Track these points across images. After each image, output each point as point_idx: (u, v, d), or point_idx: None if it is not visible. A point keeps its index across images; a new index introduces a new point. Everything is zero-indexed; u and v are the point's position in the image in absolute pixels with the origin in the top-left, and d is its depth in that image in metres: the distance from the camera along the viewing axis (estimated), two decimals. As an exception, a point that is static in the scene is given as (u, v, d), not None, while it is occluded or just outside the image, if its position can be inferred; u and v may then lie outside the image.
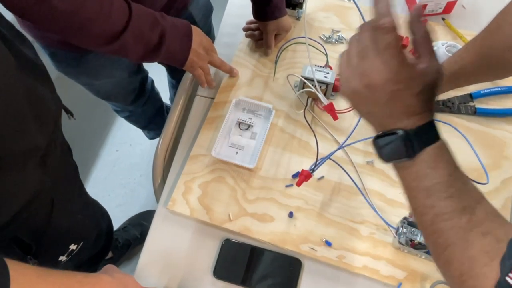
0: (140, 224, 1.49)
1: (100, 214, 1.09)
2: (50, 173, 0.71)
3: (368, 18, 0.66)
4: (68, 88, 0.85)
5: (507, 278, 0.37)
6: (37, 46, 0.95)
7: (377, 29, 0.44)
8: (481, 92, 0.90)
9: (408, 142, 0.45)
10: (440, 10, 1.03)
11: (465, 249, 0.42)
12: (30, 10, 0.63)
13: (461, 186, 0.44)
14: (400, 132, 0.45)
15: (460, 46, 0.88)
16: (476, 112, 0.88)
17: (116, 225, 1.34)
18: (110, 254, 1.36)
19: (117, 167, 1.72)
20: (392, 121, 0.46)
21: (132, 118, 1.41)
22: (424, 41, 0.45)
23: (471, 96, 0.90)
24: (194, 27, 0.82)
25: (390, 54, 0.43)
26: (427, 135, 0.45)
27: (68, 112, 0.86)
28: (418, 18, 0.45)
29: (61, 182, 0.79)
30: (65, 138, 0.84)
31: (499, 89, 0.90)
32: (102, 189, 1.64)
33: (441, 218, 0.44)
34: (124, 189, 1.66)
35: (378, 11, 0.44)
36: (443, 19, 1.03)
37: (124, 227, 1.47)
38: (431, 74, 0.45)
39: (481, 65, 0.73)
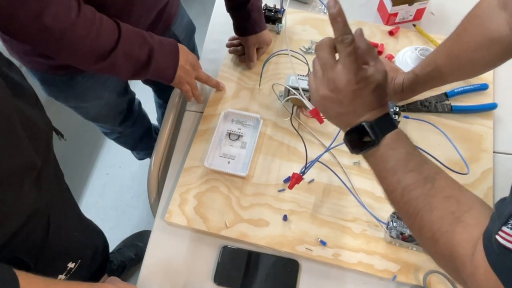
0: (134, 245, 1.49)
1: (95, 232, 1.09)
2: (45, 192, 0.73)
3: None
4: (55, 115, 0.87)
5: (497, 237, 0.41)
6: (25, 72, 0.98)
7: (341, 43, 0.53)
8: (455, 90, 0.95)
9: (372, 131, 0.54)
10: (411, 17, 1.09)
11: (432, 212, 0.49)
12: (23, 29, 0.65)
13: (419, 161, 0.53)
14: (365, 124, 0.54)
15: (432, 50, 0.93)
16: (452, 110, 0.93)
17: (110, 248, 1.34)
18: (105, 277, 1.35)
19: (108, 190, 1.72)
20: (356, 117, 0.55)
21: (121, 140, 1.43)
22: (368, 51, 0.55)
23: (446, 95, 0.95)
24: (180, 45, 0.86)
25: (350, 60, 0.53)
26: (386, 124, 0.55)
27: (58, 133, 0.88)
28: (361, 35, 0.55)
29: (56, 200, 0.81)
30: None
31: (472, 87, 0.95)
32: (94, 213, 1.63)
33: (408, 190, 0.51)
34: (116, 211, 1.66)
35: (338, 28, 0.53)
36: (414, 25, 1.09)
37: (118, 249, 1.47)
38: (380, 73, 0.54)
39: (452, 66, 0.79)
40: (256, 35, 0.98)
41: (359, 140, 0.56)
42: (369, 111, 0.55)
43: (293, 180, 0.77)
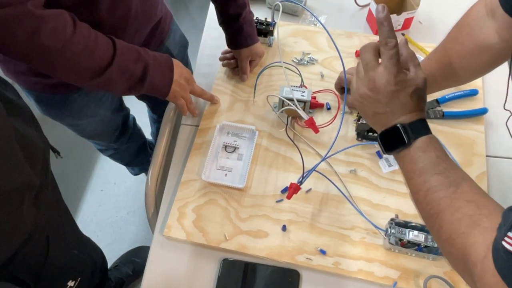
0: (132, 261, 1.48)
1: (93, 249, 1.09)
2: (44, 210, 0.72)
3: (334, 38, 0.72)
4: (49, 133, 0.87)
5: (503, 243, 0.42)
6: (20, 91, 0.98)
7: (385, 46, 0.57)
8: (446, 97, 0.97)
9: (405, 132, 0.57)
10: (400, 27, 1.11)
11: (452, 214, 0.51)
12: (19, 47, 0.65)
13: (447, 165, 0.55)
14: (400, 126, 0.57)
15: (422, 58, 0.95)
16: (444, 116, 0.95)
17: (107, 261, 1.33)
18: (103, 295, 1.33)
19: (103, 207, 1.71)
20: (393, 118, 0.58)
21: (117, 156, 1.43)
22: (410, 58, 0.60)
23: (437, 102, 0.97)
24: (174, 60, 0.87)
25: (392, 63, 0.57)
26: (420, 127, 0.57)
27: (55, 151, 0.88)
28: (405, 43, 0.61)
29: (54, 218, 0.80)
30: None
31: (462, 92, 0.97)
32: (90, 230, 1.63)
33: (432, 191, 0.53)
34: (112, 227, 1.65)
35: (383, 32, 0.57)
36: (403, 34, 1.11)
37: (115, 266, 1.46)
38: (419, 79, 0.58)
39: (443, 73, 0.80)
40: (249, 48, 0.99)
41: (393, 140, 0.58)
42: (406, 113, 0.57)
43: (291, 190, 0.78)
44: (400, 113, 0.58)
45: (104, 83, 0.75)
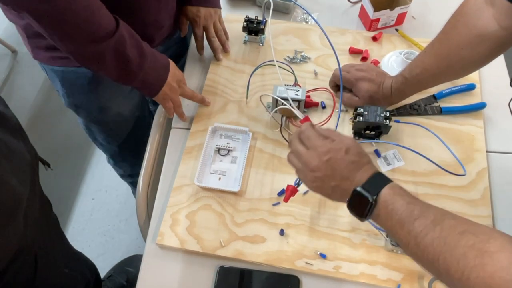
0: (125, 271, 1.44)
1: (86, 265, 1.04)
2: (31, 227, 0.68)
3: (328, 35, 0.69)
4: (37, 141, 0.83)
5: None
6: (42, 75, 0.94)
7: (301, 133, 0.65)
8: (443, 92, 0.94)
9: (367, 191, 0.57)
10: (393, 22, 1.09)
11: (453, 251, 0.48)
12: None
13: (421, 207, 0.54)
14: (359, 188, 0.57)
15: (416, 53, 0.93)
16: (442, 111, 0.92)
17: (100, 275, 1.29)
18: (97, 307, 1.29)
19: (95, 216, 1.67)
20: (350, 185, 0.59)
21: (115, 165, 1.38)
22: (327, 132, 0.65)
23: (434, 97, 0.94)
24: (169, 60, 0.84)
25: (313, 139, 0.64)
26: (377, 181, 0.58)
27: (45, 163, 0.84)
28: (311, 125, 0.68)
29: (43, 235, 0.76)
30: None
31: (459, 87, 0.95)
32: (82, 240, 1.58)
33: (421, 237, 0.51)
34: (104, 237, 1.61)
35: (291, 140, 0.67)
36: (396, 30, 1.09)
37: (109, 276, 1.41)
38: (345, 139, 0.63)
39: (441, 66, 0.78)
40: (194, 8, 0.97)
41: (360, 206, 0.57)
42: (357, 174, 0.59)
43: (288, 193, 0.74)
44: (352, 176, 0.59)
45: (98, 56, 0.72)
